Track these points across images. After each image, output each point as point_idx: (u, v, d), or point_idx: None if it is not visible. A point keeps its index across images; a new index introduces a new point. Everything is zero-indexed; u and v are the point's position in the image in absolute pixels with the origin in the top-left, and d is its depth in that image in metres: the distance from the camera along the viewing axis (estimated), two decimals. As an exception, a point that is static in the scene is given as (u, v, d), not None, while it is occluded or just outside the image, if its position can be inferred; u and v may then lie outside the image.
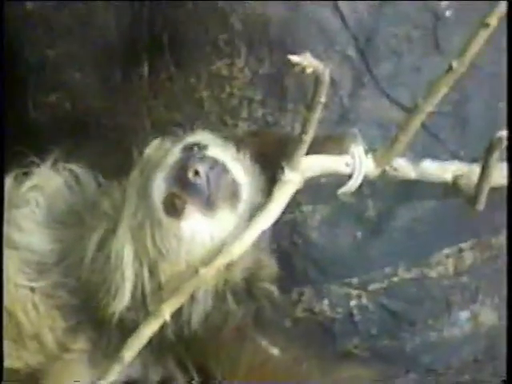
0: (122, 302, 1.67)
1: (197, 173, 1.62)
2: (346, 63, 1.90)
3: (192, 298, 1.67)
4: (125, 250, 1.67)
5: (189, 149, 1.69)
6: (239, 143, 1.79)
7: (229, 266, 1.68)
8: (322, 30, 1.88)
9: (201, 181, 1.63)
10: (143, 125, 1.91)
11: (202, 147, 1.69)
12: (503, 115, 1.85)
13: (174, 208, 1.64)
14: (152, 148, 1.78)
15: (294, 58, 1.52)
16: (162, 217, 1.65)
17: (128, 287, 1.67)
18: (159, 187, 1.66)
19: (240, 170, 1.72)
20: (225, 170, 1.67)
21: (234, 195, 1.67)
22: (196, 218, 1.64)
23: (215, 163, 1.66)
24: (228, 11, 1.89)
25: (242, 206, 1.69)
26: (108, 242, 1.70)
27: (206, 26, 1.92)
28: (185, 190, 1.64)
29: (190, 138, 1.75)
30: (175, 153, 1.69)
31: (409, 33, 1.89)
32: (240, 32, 1.90)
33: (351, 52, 1.90)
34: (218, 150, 1.72)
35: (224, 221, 1.67)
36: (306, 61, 1.52)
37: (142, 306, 1.68)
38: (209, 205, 1.64)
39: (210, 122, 1.90)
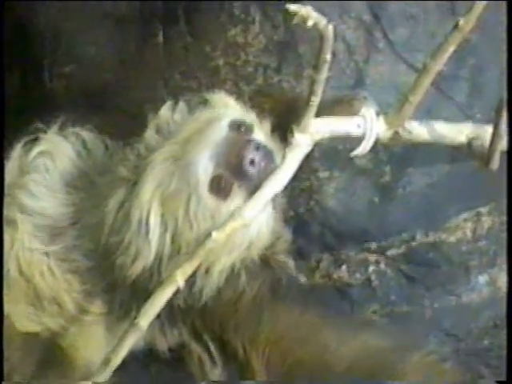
0: (142, 264, 1.70)
1: (252, 162, 1.66)
2: (361, 29, 1.93)
3: (207, 271, 1.70)
4: (151, 216, 1.69)
5: (235, 127, 1.72)
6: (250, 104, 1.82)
7: (250, 245, 1.72)
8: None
9: (254, 170, 1.66)
10: (159, 93, 1.92)
11: (248, 128, 1.72)
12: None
13: (219, 189, 1.67)
14: (166, 108, 1.81)
15: (291, 7, 1.53)
16: (205, 194, 1.67)
17: (153, 251, 1.69)
18: (206, 165, 1.68)
19: (275, 147, 1.75)
20: (272, 159, 1.70)
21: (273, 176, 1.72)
22: (238, 201, 1.67)
23: (268, 153, 1.69)
24: None
25: None
26: (127, 206, 1.72)
27: None
28: (236, 175, 1.67)
29: (232, 114, 1.76)
30: (221, 129, 1.71)
31: None
32: None
33: (366, 17, 1.92)
34: (261, 131, 1.75)
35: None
36: (304, 11, 1.53)
37: (157, 270, 1.70)
38: (254, 190, 1.67)
39: (226, 89, 1.88)
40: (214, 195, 1.66)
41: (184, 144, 1.71)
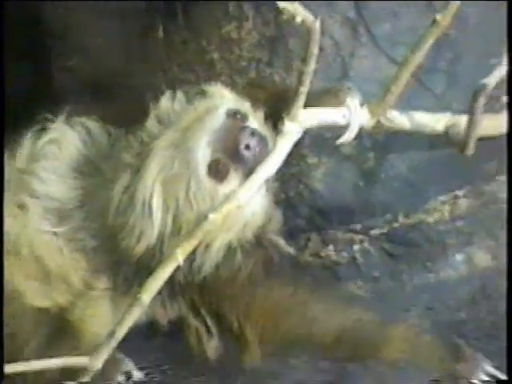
0: (145, 243, 1.72)
1: (247, 147, 1.68)
2: (346, 25, 1.94)
3: (206, 248, 1.72)
4: (154, 199, 1.71)
5: (231, 115, 1.74)
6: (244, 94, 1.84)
7: (245, 225, 1.74)
8: None
9: (250, 154, 1.69)
10: (159, 84, 1.93)
11: (243, 116, 1.75)
12: (493, 71, 1.81)
13: (217, 172, 1.70)
14: (165, 98, 1.82)
15: (281, 4, 1.56)
16: (204, 177, 1.70)
17: (156, 231, 1.71)
18: (204, 150, 1.70)
19: (269, 136, 1.76)
20: (266, 145, 1.72)
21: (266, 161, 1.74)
22: (235, 184, 1.70)
23: (262, 139, 1.72)
24: None
25: None
26: (132, 189, 1.74)
27: None
28: (232, 159, 1.70)
29: (228, 104, 1.78)
30: (218, 117, 1.73)
31: None
32: None
33: (351, 14, 1.93)
34: (255, 119, 1.77)
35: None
36: (292, 8, 1.56)
37: (159, 249, 1.72)
38: (249, 173, 1.69)
39: (222, 81, 1.89)
40: (213, 178, 1.69)
41: (184, 131, 1.73)
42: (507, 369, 1.62)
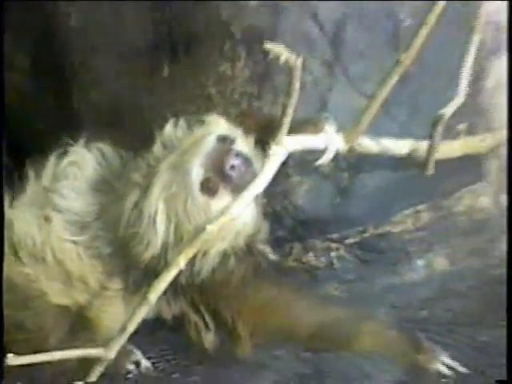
0: (152, 251, 1.74)
1: (233, 167, 1.71)
2: (324, 64, 1.93)
3: (204, 255, 1.74)
4: (158, 214, 1.73)
5: (221, 140, 1.76)
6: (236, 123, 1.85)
7: (237, 234, 1.76)
8: (306, 39, 1.91)
9: (234, 173, 1.71)
10: (164, 114, 1.89)
11: (231, 140, 1.76)
12: (449, 102, 1.82)
13: (208, 189, 1.72)
14: (169, 126, 1.84)
15: (269, 45, 1.59)
16: (197, 194, 1.72)
17: (160, 241, 1.74)
18: (198, 171, 1.72)
19: (254, 156, 1.79)
20: (250, 164, 1.75)
21: (252, 179, 1.72)
22: (223, 199, 1.72)
23: (246, 159, 1.74)
24: (230, 23, 1.90)
25: None
26: (140, 205, 1.76)
27: (213, 35, 1.93)
28: (220, 177, 1.71)
29: (219, 130, 1.80)
30: (210, 142, 1.75)
31: (375, 38, 1.93)
32: (240, 40, 1.92)
33: (328, 55, 1.92)
34: (242, 143, 1.79)
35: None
36: (277, 49, 1.59)
37: (163, 256, 1.74)
38: (235, 190, 1.71)
39: (218, 112, 1.89)
40: (205, 194, 1.71)
41: (182, 155, 1.76)
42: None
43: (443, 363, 1.75)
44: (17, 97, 2.24)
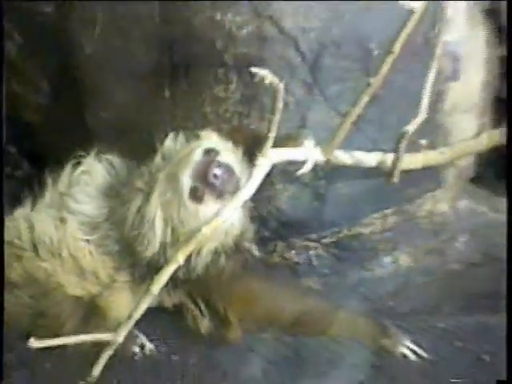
0: (151, 250, 1.77)
1: (215, 176, 1.72)
2: (304, 87, 1.92)
3: (198, 253, 1.76)
4: (156, 218, 1.76)
5: (207, 152, 1.77)
6: (228, 137, 1.86)
7: (227, 233, 1.78)
8: (289, 65, 1.90)
9: (217, 181, 1.73)
10: (165, 130, 1.91)
11: (216, 152, 1.77)
12: (412, 120, 1.83)
13: (196, 196, 1.74)
14: (169, 140, 1.86)
15: (255, 70, 1.63)
16: (187, 201, 1.74)
17: (157, 241, 1.76)
18: (187, 180, 1.74)
19: (238, 166, 1.79)
20: (233, 172, 1.76)
21: (235, 188, 1.75)
22: (210, 204, 1.73)
23: (227, 168, 1.75)
24: (223, 52, 1.88)
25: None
26: (142, 209, 1.78)
27: (209, 62, 1.91)
28: (205, 185, 1.73)
29: (207, 144, 1.81)
30: (197, 155, 1.77)
31: (349, 65, 1.92)
32: (232, 66, 1.90)
33: (308, 78, 1.91)
34: (227, 154, 1.79)
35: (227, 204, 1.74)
36: (263, 73, 1.62)
37: (163, 254, 1.76)
38: (220, 196, 1.74)
39: (212, 128, 1.89)
40: (193, 201, 1.74)
41: (175, 166, 1.78)
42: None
43: (407, 347, 1.77)
44: (38, 115, 2.25)
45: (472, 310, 1.89)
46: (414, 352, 1.76)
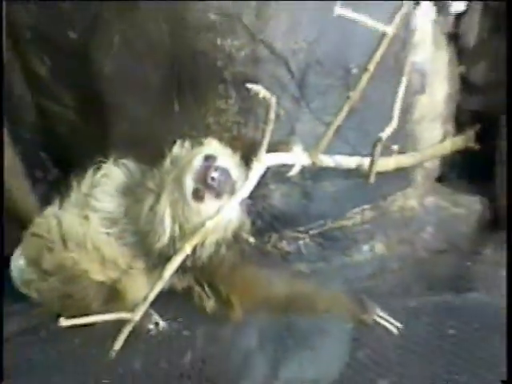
0: (162, 243, 1.77)
1: (213, 178, 1.73)
2: (293, 100, 1.92)
3: (202, 244, 1.76)
4: (165, 215, 1.76)
5: (207, 158, 1.77)
6: (228, 144, 1.85)
7: (226, 227, 1.77)
8: (280, 82, 1.90)
9: (215, 183, 1.73)
10: (173, 138, 1.89)
11: (214, 158, 1.76)
12: (386, 128, 1.81)
13: (198, 196, 1.74)
14: (177, 146, 1.85)
15: (251, 86, 1.65)
16: (190, 201, 1.74)
17: (167, 235, 1.76)
18: (189, 183, 1.74)
19: (235, 169, 1.78)
20: (229, 175, 1.76)
21: (232, 189, 1.75)
22: (210, 203, 1.73)
23: (224, 172, 1.75)
24: (224, 70, 1.89)
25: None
26: (154, 207, 1.78)
27: (211, 79, 1.91)
28: (205, 187, 1.73)
29: (207, 150, 1.80)
30: (198, 160, 1.76)
31: (331, 82, 1.92)
32: (231, 83, 1.90)
33: (296, 93, 1.92)
34: (224, 159, 1.78)
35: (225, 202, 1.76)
36: (256, 88, 1.65)
37: (172, 246, 1.76)
38: (218, 195, 1.74)
39: (214, 136, 1.88)
40: (195, 201, 1.73)
41: (180, 170, 1.77)
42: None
43: (380, 316, 1.77)
44: (65, 127, 2.24)
45: (438, 290, 1.89)
46: (387, 320, 1.76)
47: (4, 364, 1.67)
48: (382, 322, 1.75)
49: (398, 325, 1.74)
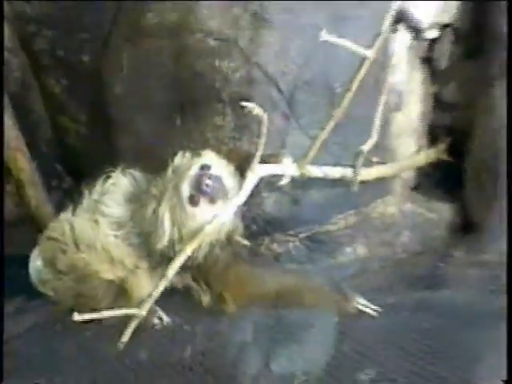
0: (162, 244, 1.77)
1: (207, 185, 1.74)
2: (283, 117, 1.93)
3: (199, 246, 1.76)
4: (165, 218, 1.76)
5: (202, 167, 1.78)
6: (225, 156, 1.85)
7: (220, 230, 1.77)
8: (271, 100, 1.92)
9: (209, 190, 1.74)
10: (175, 151, 1.88)
11: (209, 167, 1.78)
12: (367, 142, 1.83)
13: (193, 202, 1.75)
14: (178, 157, 1.85)
15: (244, 103, 1.67)
16: (187, 206, 1.75)
17: (166, 237, 1.76)
18: (185, 189, 1.75)
19: (229, 178, 1.79)
20: (222, 182, 1.77)
21: (225, 195, 1.77)
22: (204, 208, 1.74)
23: (217, 179, 1.76)
24: (221, 90, 1.91)
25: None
26: (156, 212, 1.78)
27: (210, 98, 1.93)
28: (200, 193, 1.74)
29: (202, 160, 1.80)
30: (194, 169, 1.78)
31: (318, 100, 1.94)
32: (227, 102, 1.92)
33: (286, 111, 1.93)
34: (218, 168, 1.79)
35: (219, 207, 1.77)
36: (250, 106, 1.67)
37: (171, 247, 1.77)
38: (212, 201, 1.75)
39: (212, 149, 1.86)
40: (191, 206, 1.74)
41: (179, 178, 1.78)
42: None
43: (361, 304, 1.76)
44: (78, 141, 2.25)
45: (415, 288, 1.88)
46: (366, 306, 1.76)
47: (23, 354, 1.68)
48: (362, 307, 1.75)
49: (377, 309, 1.74)
